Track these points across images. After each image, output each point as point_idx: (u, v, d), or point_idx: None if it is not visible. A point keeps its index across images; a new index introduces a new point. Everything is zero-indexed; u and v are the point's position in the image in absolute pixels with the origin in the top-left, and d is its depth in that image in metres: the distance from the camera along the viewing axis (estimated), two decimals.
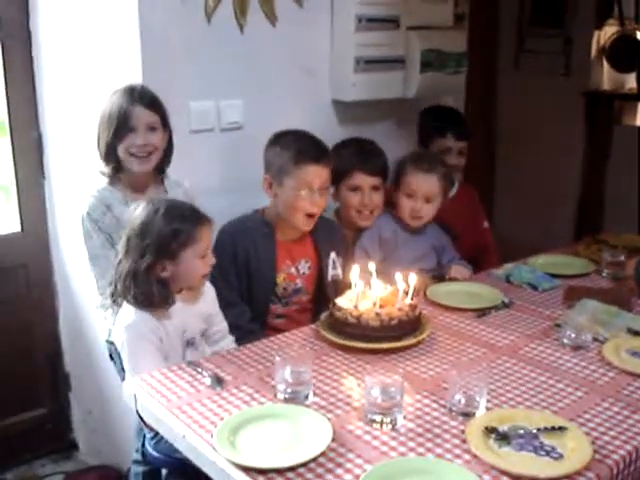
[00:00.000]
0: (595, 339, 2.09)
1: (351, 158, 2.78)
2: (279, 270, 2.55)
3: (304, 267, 2.60)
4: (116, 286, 2.03)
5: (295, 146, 2.48)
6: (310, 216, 2.52)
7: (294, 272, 2.58)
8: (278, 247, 2.56)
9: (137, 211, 2.03)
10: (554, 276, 2.62)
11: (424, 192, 2.72)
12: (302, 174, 2.46)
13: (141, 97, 2.31)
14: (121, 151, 2.31)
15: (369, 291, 2.13)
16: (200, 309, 2.15)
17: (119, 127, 2.28)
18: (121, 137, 2.29)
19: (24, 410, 3.16)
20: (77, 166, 2.85)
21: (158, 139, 2.35)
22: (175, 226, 1.98)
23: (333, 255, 2.63)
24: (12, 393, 3.10)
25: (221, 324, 2.25)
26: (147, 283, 1.98)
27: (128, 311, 2.03)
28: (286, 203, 2.51)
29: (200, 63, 2.66)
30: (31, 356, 3.15)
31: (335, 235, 2.71)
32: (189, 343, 2.10)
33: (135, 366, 1.98)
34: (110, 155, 2.31)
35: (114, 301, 2.05)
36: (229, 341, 2.25)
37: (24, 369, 3.13)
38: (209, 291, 2.21)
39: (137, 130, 2.30)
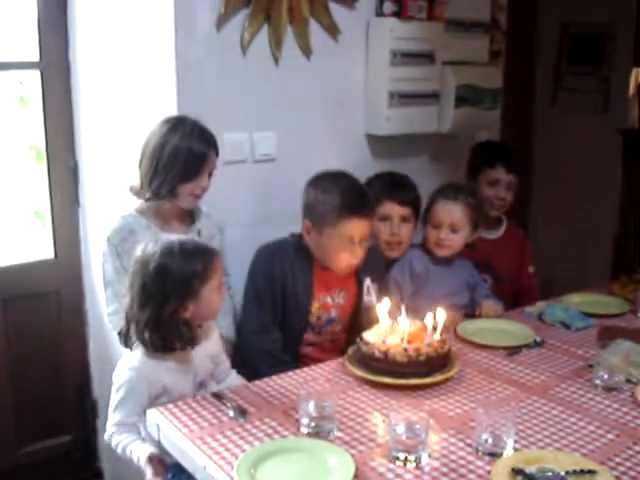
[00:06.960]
0: (628, 380, 2.03)
1: (382, 188, 2.75)
2: (315, 298, 2.49)
3: (339, 297, 2.54)
4: (128, 331, 1.98)
5: (339, 197, 2.38)
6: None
7: (329, 302, 2.52)
8: (315, 274, 2.50)
9: (145, 251, 1.96)
10: (589, 315, 2.56)
11: (449, 221, 2.67)
12: (345, 228, 2.37)
13: (214, 142, 2.35)
14: (184, 189, 2.32)
15: (397, 326, 2.10)
16: (209, 349, 2.10)
17: (193, 169, 2.31)
18: (190, 178, 2.31)
19: (50, 436, 3.16)
20: (111, 195, 2.88)
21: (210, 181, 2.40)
22: (195, 264, 1.94)
23: (368, 281, 2.54)
24: (39, 419, 3.11)
25: (226, 362, 2.20)
26: (173, 327, 1.93)
27: (136, 356, 1.99)
28: (325, 252, 2.44)
29: (235, 95, 2.68)
30: (60, 382, 3.15)
31: (371, 260, 2.58)
32: (201, 385, 2.07)
33: (115, 407, 1.95)
34: (169, 189, 2.31)
35: (126, 345, 2.01)
36: (234, 376, 2.20)
37: (52, 395, 3.14)
38: (214, 330, 2.16)
39: (205, 174, 2.34)
